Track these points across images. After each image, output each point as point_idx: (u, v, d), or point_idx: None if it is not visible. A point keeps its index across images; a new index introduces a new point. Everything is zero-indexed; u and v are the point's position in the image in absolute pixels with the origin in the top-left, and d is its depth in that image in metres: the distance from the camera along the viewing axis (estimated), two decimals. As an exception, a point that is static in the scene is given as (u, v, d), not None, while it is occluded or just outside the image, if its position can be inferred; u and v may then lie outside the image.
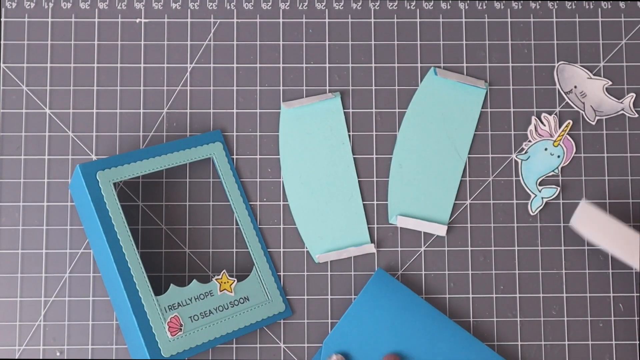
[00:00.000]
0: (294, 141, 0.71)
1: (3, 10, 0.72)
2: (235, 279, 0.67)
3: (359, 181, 0.70)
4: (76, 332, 0.68)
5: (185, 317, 0.64)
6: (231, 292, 0.66)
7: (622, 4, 0.73)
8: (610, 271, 0.70)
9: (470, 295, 0.69)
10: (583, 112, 0.72)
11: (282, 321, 0.68)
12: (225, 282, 0.66)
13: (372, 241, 0.70)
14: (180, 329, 0.63)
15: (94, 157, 0.70)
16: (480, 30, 0.73)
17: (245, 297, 0.67)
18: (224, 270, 0.67)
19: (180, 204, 0.69)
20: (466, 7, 0.73)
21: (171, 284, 0.64)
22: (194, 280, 0.65)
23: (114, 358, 0.68)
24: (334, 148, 0.71)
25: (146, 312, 0.63)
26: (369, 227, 0.70)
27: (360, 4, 0.73)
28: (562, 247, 0.70)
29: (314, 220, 0.70)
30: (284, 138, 0.71)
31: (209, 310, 0.65)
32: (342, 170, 0.70)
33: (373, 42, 0.72)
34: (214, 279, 0.66)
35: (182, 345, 0.63)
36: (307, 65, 0.72)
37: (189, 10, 0.72)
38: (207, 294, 0.65)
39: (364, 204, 0.70)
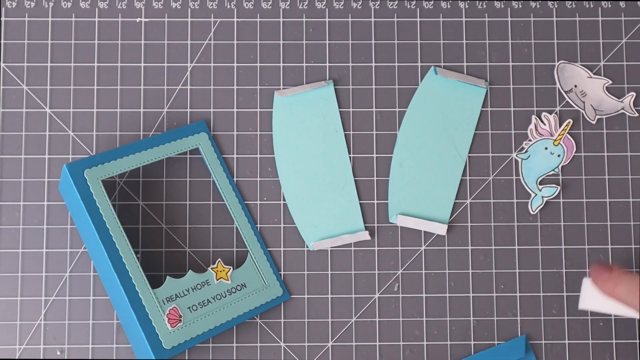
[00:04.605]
0: (287, 129, 0.71)
1: (3, 9, 0.72)
2: (231, 267, 0.67)
3: (359, 179, 0.70)
4: (76, 331, 0.68)
5: (184, 308, 0.64)
6: (228, 280, 0.66)
7: (622, 4, 0.73)
8: (611, 270, 0.70)
9: (471, 295, 0.69)
10: (583, 111, 0.72)
11: (282, 321, 0.68)
12: (221, 271, 0.66)
13: (366, 229, 0.70)
14: (180, 320, 0.64)
15: (94, 157, 0.70)
16: (480, 29, 0.73)
17: (242, 284, 0.67)
18: (219, 259, 0.67)
19: (181, 203, 0.70)
20: (466, 6, 0.73)
21: (167, 276, 0.65)
22: (190, 271, 0.66)
23: (114, 357, 0.68)
24: (328, 136, 0.71)
25: (144, 305, 0.63)
26: (369, 226, 0.70)
27: (360, 3, 0.73)
28: (562, 246, 0.70)
29: (308, 208, 0.70)
30: (277, 126, 0.71)
31: (207, 300, 0.65)
32: (336, 158, 0.70)
33: (373, 42, 0.72)
34: (209, 268, 0.66)
35: (183, 336, 0.63)
36: (307, 65, 0.72)
37: (189, 9, 0.72)
38: (204, 283, 0.66)
39: (364, 203, 0.70)
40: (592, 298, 0.63)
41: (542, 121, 0.71)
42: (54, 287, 0.68)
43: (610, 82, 0.72)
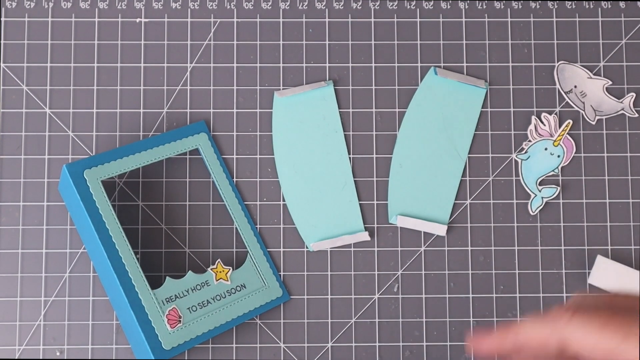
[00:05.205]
0: (287, 130, 0.71)
1: (3, 9, 0.72)
2: (231, 268, 0.67)
3: (358, 180, 0.70)
4: (76, 331, 0.68)
5: (183, 309, 0.64)
6: (227, 280, 0.66)
7: (622, 4, 0.73)
8: (610, 271, 0.70)
9: (470, 295, 0.69)
10: (583, 112, 0.72)
11: (281, 321, 0.68)
12: (220, 271, 0.66)
13: (366, 230, 0.70)
14: (180, 321, 0.64)
15: (94, 157, 0.70)
16: (480, 30, 0.73)
17: (242, 285, 0.67)
18: (219, 260, 0.67)
19: (180, 203, 0.70)
20: (466, 6, 0.73)
21: (167, 277, 0.65)
22: (190, 272, 0.66)
23: (114, 358, 0.68)
24: (327, 136, 0.71)
25: (144, 306, 0.63)
26: (368, 227, 0.70)
27: (360, 3, 0.73)
28: (562, 247, 0.70)
29: (307, 208, 0.70)
30: (277, 127, 0.71)
31: (207, 300, 0.65)
32: (336, 158, 0.70)
33: (373, 42, 0.72)
34: (209, 269, 0.66)
35: (182, 337, 0.63)
36: (307, 65, 0.72)
37: (189, 9, 0.72)
38: (203, 284, 0.66)
39: (364, 204, 0.70)
40: (602, 276, 0.68)
41: (541, 122, 0.71)
42: (53, 288, 0.68)
43: (610, 82, 0.72)
